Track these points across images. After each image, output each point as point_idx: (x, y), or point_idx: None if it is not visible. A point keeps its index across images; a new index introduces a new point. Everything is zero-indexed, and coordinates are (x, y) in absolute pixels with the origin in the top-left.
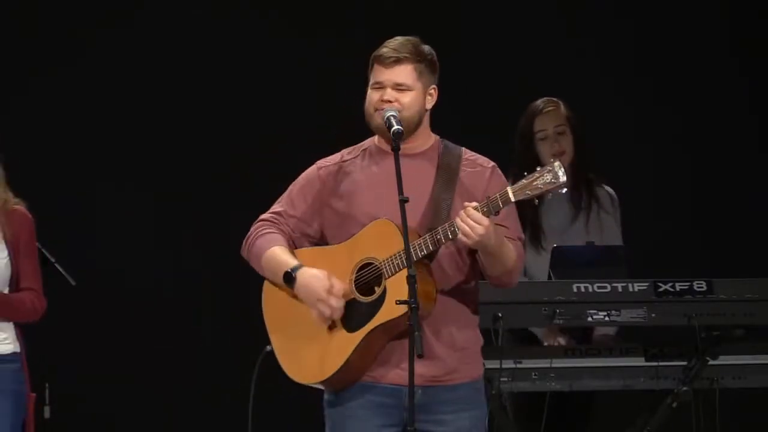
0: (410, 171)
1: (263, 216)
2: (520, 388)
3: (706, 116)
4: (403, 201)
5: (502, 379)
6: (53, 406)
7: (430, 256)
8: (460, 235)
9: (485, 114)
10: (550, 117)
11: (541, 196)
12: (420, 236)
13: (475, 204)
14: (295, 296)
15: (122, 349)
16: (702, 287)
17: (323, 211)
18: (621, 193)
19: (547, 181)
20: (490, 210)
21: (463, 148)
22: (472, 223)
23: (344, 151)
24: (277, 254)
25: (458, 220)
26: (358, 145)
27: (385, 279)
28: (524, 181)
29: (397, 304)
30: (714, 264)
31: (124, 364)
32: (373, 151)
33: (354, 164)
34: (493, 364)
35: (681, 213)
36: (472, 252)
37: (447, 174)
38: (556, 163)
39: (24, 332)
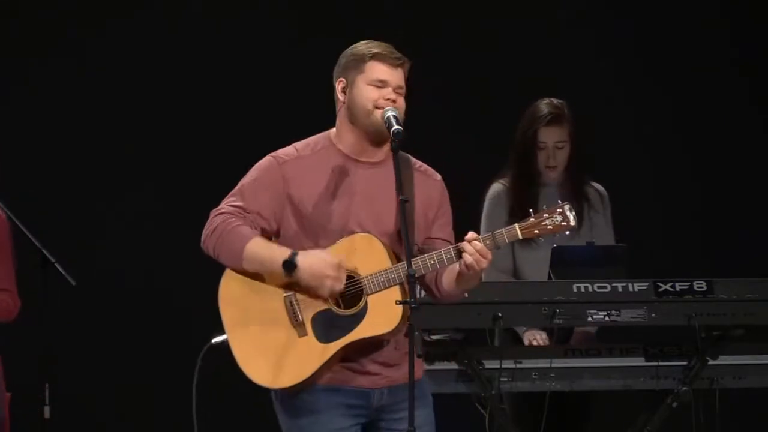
0: (377, 179)
1: (225, 209)
2: (520, 388)
3: (707, 116)
4: (404, 201)
5: (502, 379)
6: (53, 406)
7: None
8: (462, 261)
9: (483, 113)
10: (552, 132)
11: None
12: (399, 260)
13: (476, 236)
14: (258, 293)
15: (122, 349)
16: (702, 287)
17: (284, 209)
18: (621, 192)
19: (557, 222)
20: (494, 244)
21: (411, 157)
22: (479, 257)
23: (297, 145)
24: (265, 245)
25: (466, 254)
26: (310, 141)
27: (367, 295)
28: (533, 219)
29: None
30: (714, 264)
31: (124, 364)
32: (332, 153)
33: (311, 162)
34: (493, 364)
35: (681, 213)
36: None
37: (405, 183)
38: (567, 206)
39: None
